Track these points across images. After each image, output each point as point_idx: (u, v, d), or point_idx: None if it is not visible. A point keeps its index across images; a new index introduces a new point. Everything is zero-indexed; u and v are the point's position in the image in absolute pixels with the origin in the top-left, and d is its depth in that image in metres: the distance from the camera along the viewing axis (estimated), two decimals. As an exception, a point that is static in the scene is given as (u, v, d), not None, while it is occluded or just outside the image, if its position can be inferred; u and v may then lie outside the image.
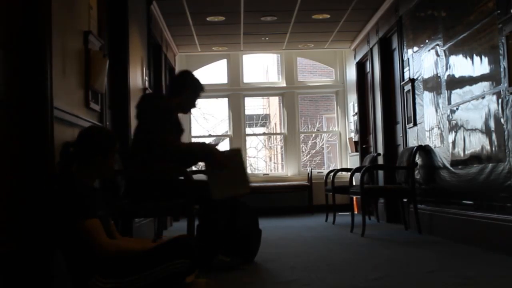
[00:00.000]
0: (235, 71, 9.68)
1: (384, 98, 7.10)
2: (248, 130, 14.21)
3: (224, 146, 11.90)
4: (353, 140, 8.87)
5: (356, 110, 8.73)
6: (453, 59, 4.82)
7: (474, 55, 4.40)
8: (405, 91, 6.19)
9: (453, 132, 4.84)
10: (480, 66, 4.30)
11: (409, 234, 5.53)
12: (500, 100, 3.97)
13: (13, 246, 2.51)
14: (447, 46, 4.92)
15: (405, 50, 6.23)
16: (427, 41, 5.46)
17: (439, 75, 5.14)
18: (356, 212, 7.30)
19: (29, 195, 2.61)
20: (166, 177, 3.68)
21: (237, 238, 3.87)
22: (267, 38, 8.61)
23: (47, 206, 2.56)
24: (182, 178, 3.61)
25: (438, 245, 4.64)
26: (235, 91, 9.66)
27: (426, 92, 5.54)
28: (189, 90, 3.93)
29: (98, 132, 2.70)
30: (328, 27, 8.03)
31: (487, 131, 4.20)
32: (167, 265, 2.43)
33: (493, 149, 4.11)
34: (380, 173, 7.24)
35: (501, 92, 3.94)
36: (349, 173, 6.95)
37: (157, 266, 2.42)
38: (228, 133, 9.87)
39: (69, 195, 2.45)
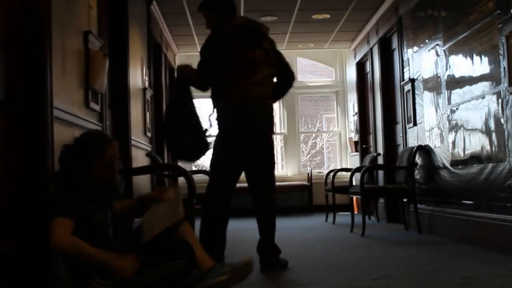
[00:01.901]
0: (235, 71, 9.65)
1: (384, 98, 7.10)
2: (248, 130, 14.17)
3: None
4: (353, 140, 8.87)
5: (356, 110, 8.73)
6: (453, 59, 4.82)
7: (474, 55, 4.40)
8: (405, 91, 6.19)
9: (453, 132, 4.84)
10: (480, 66, 4.30)
11: (409, 234, 5.53)
12: (500, 100, 3.96)
13: (13, 245, 2.51)
14: (447, 46, 4.92)
15: (405, 50, 6.23)
16: (427, 41, 5.46)
17: (439, 75, 5.14)
18: (356, 212, 7.30)
19: (29, 195, 2.61)
20: None
21: None
22: (267, 38, 8.60)
23: (45, 207, 2.55)
24: None
25: (438, 245, 4.63)
26: (235, 91, 9.64)
27: (426, 92, 5.54)
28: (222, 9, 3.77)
29: (91, 138, 2.61)
30: (328, 27, 8.02)
31: (487, 131, 4.20)
32: (166, 266, 2.43)
33: (493, 149, 4.11)
34: (380, 173, 7.24)
35: (501, 92, 3.94)
36: (349, 173, 6.95)
37: (154, 267, 2.41)
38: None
39: (57, 196, 2.43)
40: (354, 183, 6.77)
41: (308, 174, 9.32)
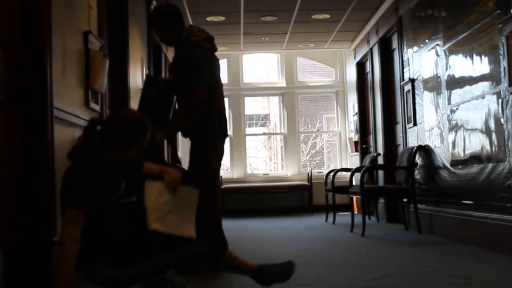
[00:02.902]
0: (235, 71, 9.68)
1: (384, 98, 7.10)
2: (248, 130, 14.20)
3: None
4: (353, 140, 8.87)
5: (356, 110, 8.73)
6: (453, 59, 4.82)
7: (474, 55, 4.40)
8: (405, 91, 6.19)
9: (453, 132, 4.84)
10: (480, 66, 4.30)
11: (409, 234, 5.52)
12: (500, 100, 3.96)
13: (13, 245, 2.51)
14: (447, 46, 4.92)
15: (405, 50, 6.23)
16: (427, 41, 5.46)
17: (439, 75, 5.14)
18: (356, 212, 7.30)
19: (29, 194, 2.61)
20: None
21: None
22: (267, 38, 8.61)
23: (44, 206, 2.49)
24: None
25: (438, 245, 4.63)
26: (235, 91, 9.66)
27: (426, 92, 5.54)
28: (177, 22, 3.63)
29: (130, 120, 2.49)
30: (328, 27, 8.03)
31: (487, 131, 4.20)
32: (176, 250, 2.36)
33: (493, 149, 4.11)
34: (380, 173, 7.24)
35: (501, 92, 3.94)
36: (349, 173, 6.95)
37: (165, 250, 2.34)
38: (228, 133, 9.86)
39: (75, 177, 2.32)
40: (354, 183, 6.77)
41: (308, 174, 9.32)
